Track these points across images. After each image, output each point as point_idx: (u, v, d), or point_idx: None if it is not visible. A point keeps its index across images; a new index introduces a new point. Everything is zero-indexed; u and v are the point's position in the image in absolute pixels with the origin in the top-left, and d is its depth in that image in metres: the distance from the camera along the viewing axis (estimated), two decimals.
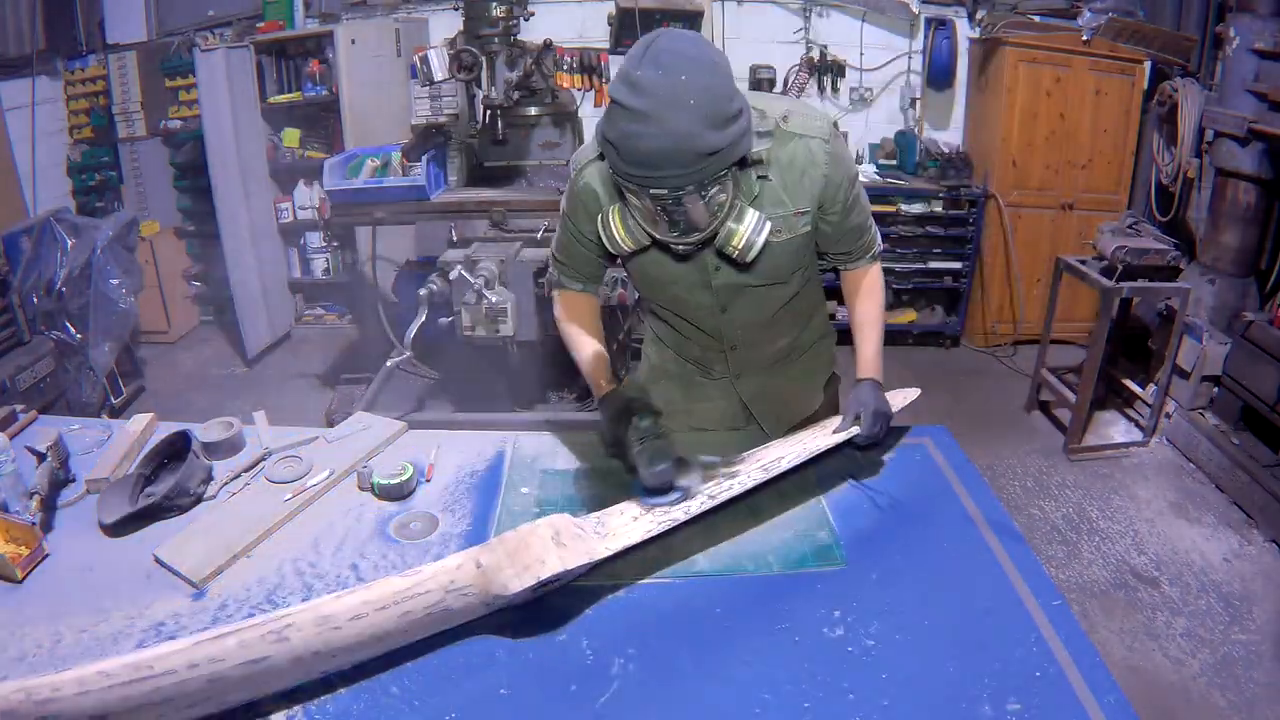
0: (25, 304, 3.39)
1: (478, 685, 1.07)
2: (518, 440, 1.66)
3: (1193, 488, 3.30)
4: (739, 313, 1.55)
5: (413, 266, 3.40)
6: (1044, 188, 4.43)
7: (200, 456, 1.49)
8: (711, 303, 1.53)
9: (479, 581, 1.14)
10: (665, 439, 1.38)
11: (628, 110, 1.15)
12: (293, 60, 4.54)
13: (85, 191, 4.71)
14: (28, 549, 1.27)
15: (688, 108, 1.13)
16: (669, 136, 1.13)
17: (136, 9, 4.54)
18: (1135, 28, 4.04)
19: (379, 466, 1.49)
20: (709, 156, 1.16)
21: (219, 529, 1.34)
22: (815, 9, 4.54)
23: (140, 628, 1.15)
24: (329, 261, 4.90)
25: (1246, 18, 3.44)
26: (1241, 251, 3.57)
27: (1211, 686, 2.32)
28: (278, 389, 4.26)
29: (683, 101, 1.13)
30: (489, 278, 2.50)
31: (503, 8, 2.83)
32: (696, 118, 1.13)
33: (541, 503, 1.47)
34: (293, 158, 4.62)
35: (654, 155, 1.15)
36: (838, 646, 1.13)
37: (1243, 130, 3.36)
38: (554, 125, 3.13)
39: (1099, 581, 2.77)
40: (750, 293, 1.51)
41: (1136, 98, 4.36)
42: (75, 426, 1.68)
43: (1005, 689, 1.05)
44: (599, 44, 4.25)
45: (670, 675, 1.09)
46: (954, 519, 1.42)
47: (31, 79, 4.33)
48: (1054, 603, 1.20)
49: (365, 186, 2.95)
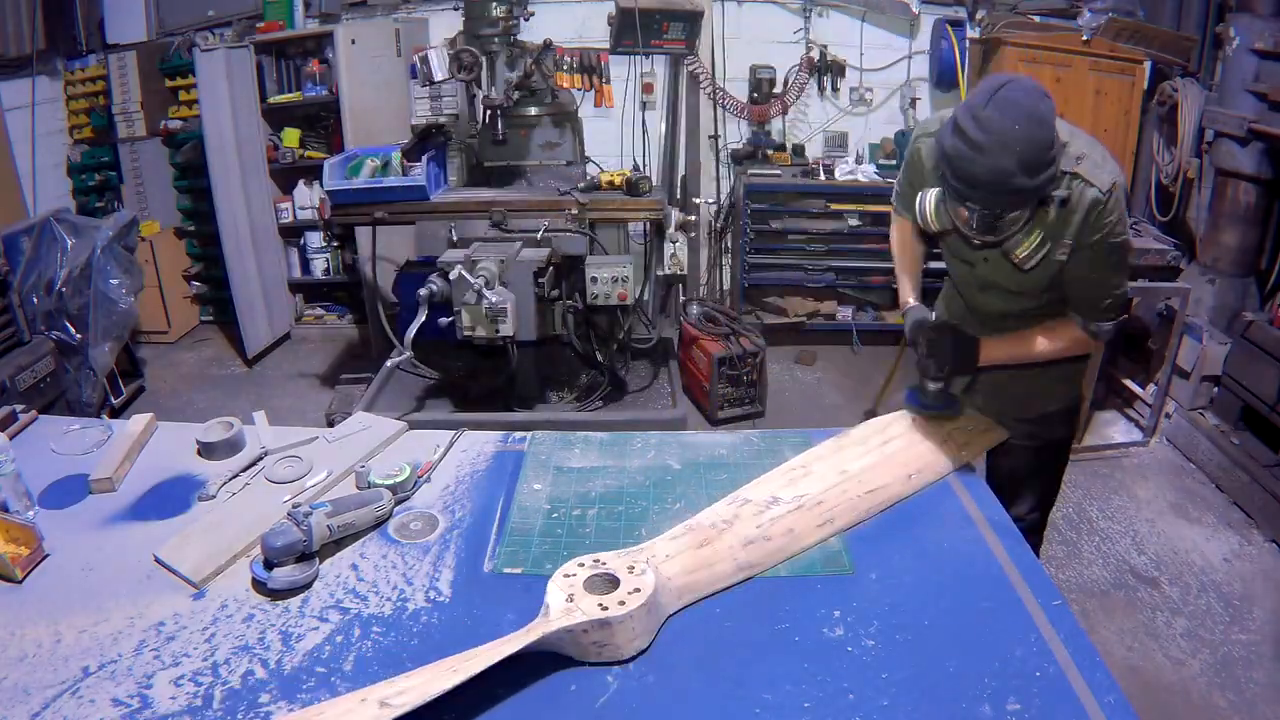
0: (25, 304, 3.39)
1: (477, 685, 1.07)
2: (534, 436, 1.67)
3: (1193, 488, 3.30)
4: (993, 301, 1.81)
5: (413, 266, 3.40)
6: None
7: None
8: (976, 280, 1.80)
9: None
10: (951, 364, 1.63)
11: (966, 138, 1.39)
12: (293, 60, 4.54)
13: (85, 191, 4.71)
14: (28, 549, 1.27)
15: (1013, 153, 1.36)
16: (991, 172, 1.38)
17: (136, 9, 4.54)
18: (1135, 28, 4.04)
19: (378, 467, 1.49)
20: (1017, 193, 1.41)
21: (219, 529, 1.34)
22: (815, 9, 4.54)
23: (140, 628, 1.15)
24: (329, 261, 4.89)
25: (1246, 18, 3.44)
26: (1241, 251, 3.57)
27: (1211, 686, 2.32)
28: (278, 389, 4.27)
29: (1010, 147, 1.36)
30: (489, 278, 2.50)
31: (503, 8, 2.83)
32: (1017, 163, 1.37)
33: (552, 500, 1.47)
34: (293, 158, 4.62)
35: (975, 180, 1.41)
36: (838, 646, 1.13)
37: (1243, 130, 3.36)
38: (554, 125, 3.13)
39: (1099, 581, 2.77)
40: (1005, 290, 1.75)
41: (1136, 98, 4.36)
42: (75, 426, 1.68)
43: (1005, 689, 1.05)
44: (599, 44, 4.25)
45: (670, 675, 1.09)
46: (954, 519, 1.42)
47: (31, 79, 4.34)
48: (1054, 603, 1.20)
49: (365, 186, 2.95)
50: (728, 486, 1.46)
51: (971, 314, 1.89)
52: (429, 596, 1.23)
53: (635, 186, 2.91)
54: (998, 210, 1.46)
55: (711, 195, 4.69)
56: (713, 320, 4.05)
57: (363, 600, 1.22)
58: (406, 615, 1.19)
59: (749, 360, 3.76)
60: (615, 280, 2.75)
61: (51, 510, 1.42)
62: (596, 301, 2.79)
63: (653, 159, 4.58)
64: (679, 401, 3.04)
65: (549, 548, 1.34)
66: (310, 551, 1.26)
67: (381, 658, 1.11)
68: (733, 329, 3.91)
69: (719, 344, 3.78)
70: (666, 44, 3.78)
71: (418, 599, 1.22)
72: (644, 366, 3.31)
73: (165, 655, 1.10)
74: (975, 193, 1.43)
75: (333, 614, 1.19)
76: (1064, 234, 1.55)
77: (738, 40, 4.57)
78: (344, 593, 1.23)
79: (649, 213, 2.94)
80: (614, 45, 3.74)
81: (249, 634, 1.14)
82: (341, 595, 1.22)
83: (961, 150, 1.40)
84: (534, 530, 1.38)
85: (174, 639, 1.13)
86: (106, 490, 1.47)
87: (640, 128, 4.55)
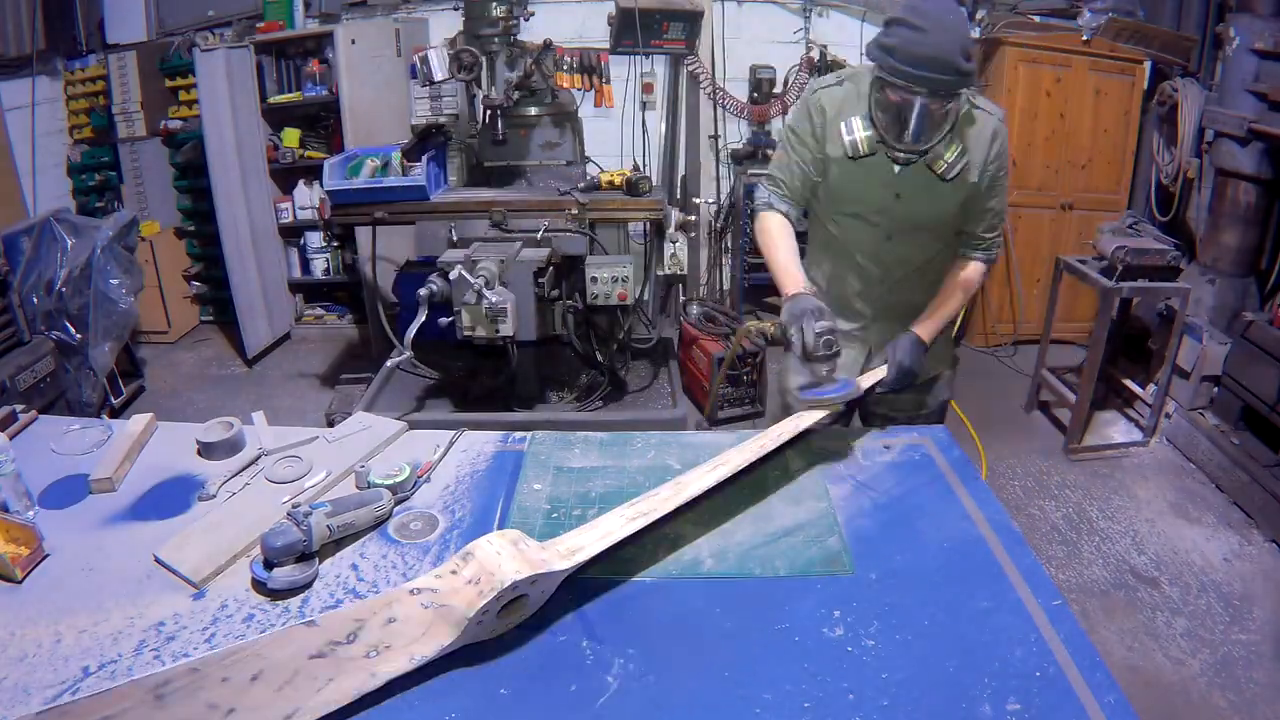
0: (25, 304, 3.39)
1: (478, 685, 1.07)
2: (534, 436, 1.67)
3: (1193, 488, 3.30)
4: (898, 247, 1.87)
5: (413, 266, 3.40)
6: (1044, 188, 4.43)
7: None
8: (882, 226, 1.84)
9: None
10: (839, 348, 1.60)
11: (911, 24, 1.55)
12: (293, 60, 4.54)
13: (85, 191, 4.71)
14: (28, 549, 1.27)
15: (954, 34, 1.56)
16: (937, 49, 1.53)
17: (136, 9, 4.54)
18: (1135, 28, 4.05)
19: (377, 467, 1.49)
20: (959, 75, 1.56)
21: (219, 529, 1.34)
22: (815, 9, 4.54)
23: (140, 628, 1.15)
24: (329, 261, 4.90)
25: (1246, 18, 3.44)
26: (1241, 251, 3.57)
27: (1211, 686, 2.32)
28: (278, 389, 4.27)
29: (952, 29, 1.56)
30: (489, 278, 2.50)
31: (503, 8, 2.83)
32: (958, 44, 1.55)
33: (553, 500, 1.47)
34: (293, 158, 4.62)
35: (925, 61, 1.54)
36: (838, 646, 1.13)
37: (1243, 130, 3.37)
38: (554, 125, 3.13)
39: (1099, 581, 2.77)
40: (915, 233, 1.85)
41: (1136, 98, 4.37)
42: (75, 426, 1.68)
43: (1005, 689, 1.05)
44: (599, 44, 4.26)
45: (670, 675, 1.09)
46: (954, 519, 1.42)
47: (31, 79, 4.34)
48: (1054, 603, 1.20)
49: (365, 186, 2.95)
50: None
51: (866, 286, 1.94)
52: None
53: (635, 186, 2.91)
54: (939, 99, 1.59)
55: (711, 195, 4.69)
56: (713, 320, 4.05)
57: (363, 600, 1.21)
58: None
59: (749, 360, 3.76)
60: (615, 280, 2.75)
61: (51, 510, 1.42)
62: (596, 301, 2.79)
63: (653, 159, 4.58)
64: (679, 401, 3.04)
65: None
66: (310, 551, 1.26)
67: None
68: (733, 329, 3.91)
69: (719, 344, 3.78)
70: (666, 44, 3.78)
71: None
72: (644, 366, 3.31)
73: (165, 655, 1.10)
74: (926, 74, 1.55)
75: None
76: (976, 155, 1.74)
77: (738, 40, 4.57)
78: (344, 593, 1.23)
79: (649, 213, 2.94)
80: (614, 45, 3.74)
81: (249, 634, 1.14)
82: (342, 595, 1.22)
83: (908, 35, 1.55)
84: (534, 530, 1.38)
85: (174, 639, 1.13)
86: (106, 490, 1.47)
87: (640, 128, 4.55)
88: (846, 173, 1.82)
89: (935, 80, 1.56)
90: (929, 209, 1.81)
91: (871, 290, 1.94)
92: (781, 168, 1.91)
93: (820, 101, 1.82)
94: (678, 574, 1.29)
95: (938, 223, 1.84)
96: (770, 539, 1.37)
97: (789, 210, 1.90)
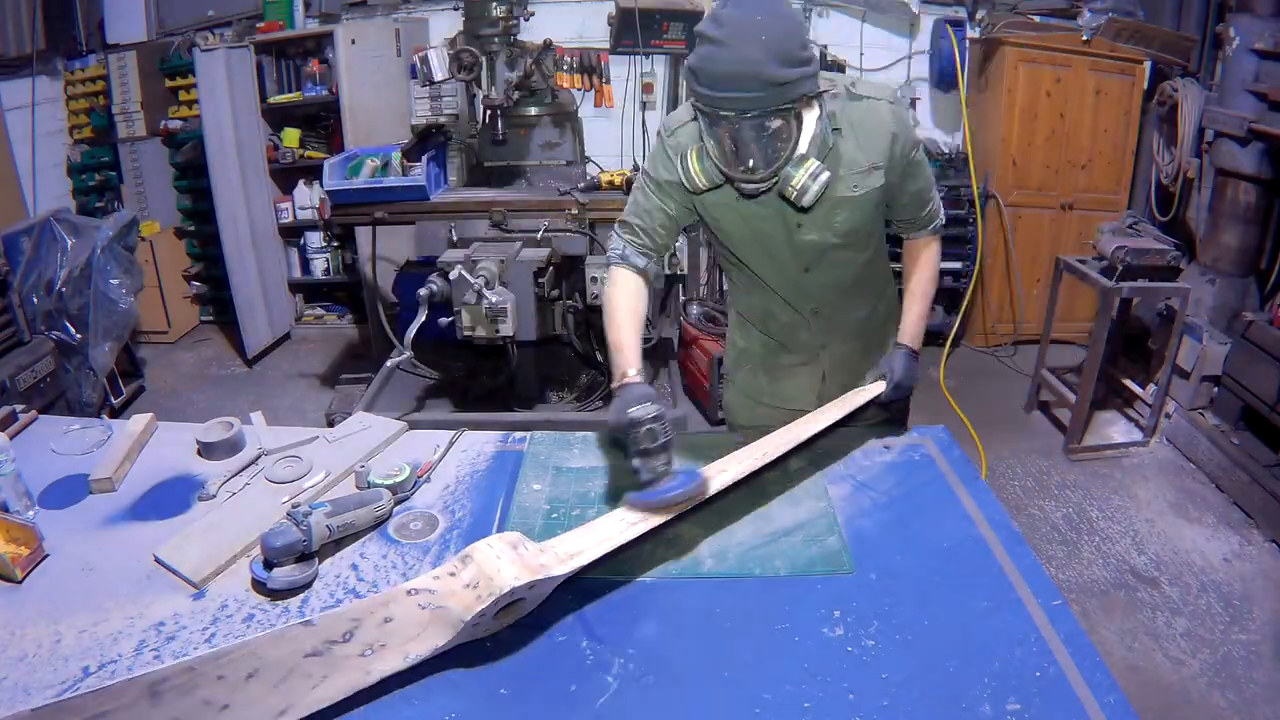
0: (25, 304, 3.39)
1: (478, 685, 1.07)
2: (533, 437, 1.67)
3: (1193, 488, 3.30)
4: (821, 275, 1.66)
5: (413, 266, 3.40)
6: (1044, 188, 4.43)
7: None
8: (794, 261, 1.64)
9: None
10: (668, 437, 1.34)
11: (708, 39, 1.33)
12: (293, 60, 4.54)
13: (85, 191, 4.71)
14: (28, 549, 1.27)
15: (759, 42, 1.30)
16: (739, 63, 1.31)
17: (136, 9, 4.54)
18: (1135, 28, 4.05)
19: (377, 467, 1.49)
20: (773, 86, 1.32)
21: (219, 529, 1.34)
22: (815, 9, 4.53)
23: (140, 628, 1.15)
24: (329, 261, 4.90)
25: (1246, 18, 3.44)
26: (1241, 251, 3.57)
27: (1211, 686, 2.32)
28: (278, 389, 4.27)
29: (754, 35, 1.31)
30: (489, 278, 2.50)
31: (503, 8, 2.83)
32: (765, 51, 1.30)
33: (552, 500, 1.47)
34: (293, 158, 4.62)
35: (725, 79, 1.32)
36: (838, 646, 1.13)
37: (1243, 130, 3.36)
38: (554, 125, 3.13)
39: (1099, 581, 2.77)
40: (831, 255, 1.62)
41: (1136, 98, 4.36)
42: (75, 426, 1.68)
43: (1005, 689, 1.05)
44: (599, 44, 4.25)
45: (670, 675, 1.09)
46: (954, 519, 1.42)
47: (31, 79, 4.34)
48: (1054, 603, 1.20)
49: (365, 186, 2.95)
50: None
51: (801, 318, 1.73)
52: None
53: None
54: (755, 113, 1.34)
55: None
56: (713, 320, 4.05)
57: (360, 600, 1.21)
58: None
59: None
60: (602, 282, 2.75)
61: (51, 510, 1.42)
62: (596, 301, 2.79)
63: None
64: (679, 401, 3.04)
65: None
66: (310, 551, 1.26)
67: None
68: None
69: (719, 344, 3.78)
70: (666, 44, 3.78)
71: None
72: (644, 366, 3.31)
73: (165, 655, 1.10)
74: (729, 93, 1.32)
75: None
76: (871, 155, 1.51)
77: None
78: (344, 593, 1.23)
79: None
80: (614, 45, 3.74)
81: (249, 634, 1.14)
82: (342, 595, 1.22)
83: (706, 52, 1.33)
84: (533, 531, 1.38)
85: (174, 639, 1.13)
86: (106, 490, 1.47)
87: (640, 128, 4.55)
88: (734, 216, 1.59)
89: (742, 100, 1.33)
90: (839, 225, 1.57)
91: (809, 322, 1.74)
92: (640, 213, 1.62)
93: (678, 139, 1.56)
94: (678, 574, 1.29)
95: (854, 235, 1.61)
96: (770, 539, 1.37)
97: (647, 265, 1.62)
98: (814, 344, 1.78)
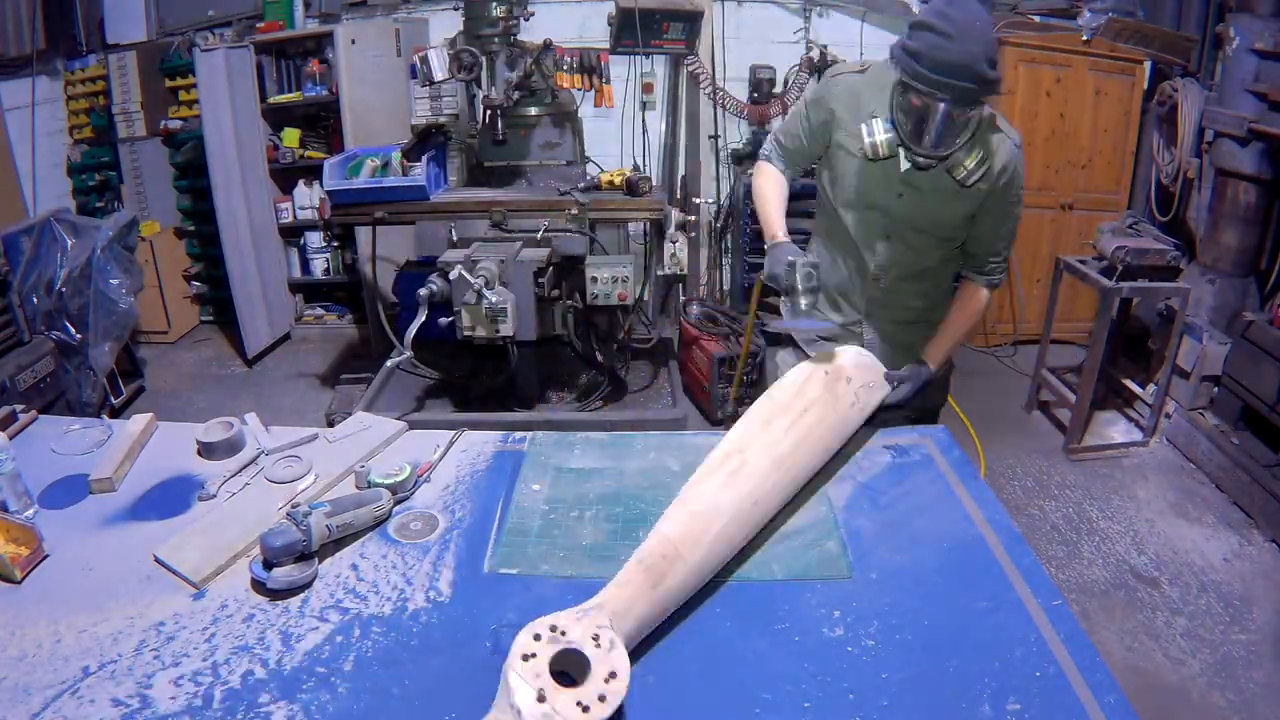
0: (25, 304, 3.39)
1: (478, 685, 1.07)
2: (533, 437, 1.67)
3: (1193, 488, 3.30)
4: (894, 247, 1.86)
5: (413, 266, 3.40)
6: (1044, 188, 4.43)
7: None
8: (880, 223, 1.85)
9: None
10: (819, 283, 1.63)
11: (936, 29, 1.54)
12: (293, 60, 4.54)
13: (85, 191, 4.72)
14: (27, 549, 1.27)
15: (980, 40, 1.54)
16: (964, 55, 1.52)
17: (136, 9, 4.54)
18: (1135, 28, 4.05)
19: (377, 467, 1.49)
20: (984, 82, 1.55)
21: (219, 529, 1.34)
22: (815, 9, 4.54)
23: (140, 628, 1.15)
24: (329, 261, 4.90)
25: (1246, 18, 3.44)
26: (1241, 251, 3.57)
27: (1211, 686, 2.32)
28: (278, 389, 4.27)
29: (978, 35, 1.54)
30: (489, 278, 2.50)
31: (503, 8, 2.83)
32: (984, 51, 1.54)
33: (552, 500, 1.47)
34: (293, 158, 4.62)
35: (949, 67, 1.53)
36: (838, 646, 1.13)
37: (1243, 130, 3.37)
38: (554, 125, 3.13)
39: (1099, 581, 2.77)
40: (912, 236, 1.84)
41: (1136, 98, 4.37)
42: (75, 426, 1.68)
43: (1005, 689, 1.05)
44: (599, 44, 4.25)
45: (670, 676, 1.09)
46: (954, 519, 1.42)
47: (31, 79, 4.34)
48: (1054, 603, 1.20)
49: (365, 186, 2.95)
50: None
51: (860, 280, 1.94)
52: (429, 596, 1.23)
53: (635, 186, 2.91)
54: (964, 105, 1.58)
55: (711, 195, 4.69)
56: (713, 320, 4.05)
57: (362, 600, 1.21)
58: (406, 615, 1.19)
59: (749, 360, 3.76)
60: (615, 280, 2.76)
61: (51, 510, 1.42)
62: (596, 301, 2.79)
63: (653, 159, 4.58)
64: (679, 401, 3.04)
65: (547, 548, 1.34)
66: (310, 551, 1.26)
67: (381, 657, 1.11)
68: (733, 329, 3.91)
69: (719, 344, 3.78)
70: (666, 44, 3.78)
71: (417, 599, 1.22)
72: (644, 366, 3.31)
73: (165, 655, 1.10)
74: (951, 80, 1.53)
75: (332, 614, 1.19)
76: (988, 179, 1.73)
77: (738, 40, 4.57)
78: (344, 593, 1.23)
79: (649, 213, 2.95)
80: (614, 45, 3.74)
81: (249, 634, 1.14)
82: (341, 595, 1.22)
83: (934, 40, 1.54)
84: (533, 531, 1.38)
85: (174, 639, 1.13)
86: (106, 490, 1.47)
87: (640, 128, 4.55)
88: (853, 166, 1.83)
89: (960, 88, 1.55)
90: (930, 212, 1.81)
91: (865, 287, 1.95)
92: (789, 135, 1.95)
93: (839, 89, 1.84)
94: None
95: (937, 228, 1.84)
96: (769, 543, 1.36)
97: (785, 170, 1.96)
98: (859, 309, 1.97)
